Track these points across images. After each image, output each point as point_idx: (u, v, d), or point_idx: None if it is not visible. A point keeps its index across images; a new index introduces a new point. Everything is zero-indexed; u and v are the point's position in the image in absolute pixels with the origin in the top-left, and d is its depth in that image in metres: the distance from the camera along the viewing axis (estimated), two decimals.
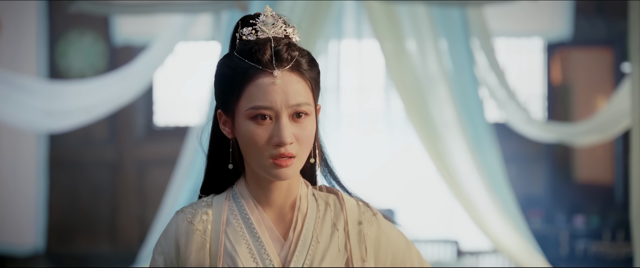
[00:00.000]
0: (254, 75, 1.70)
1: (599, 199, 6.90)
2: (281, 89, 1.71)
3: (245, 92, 1.71)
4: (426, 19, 5.11)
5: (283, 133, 1.70)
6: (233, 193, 1.81)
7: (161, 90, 7.16)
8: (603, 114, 5.43)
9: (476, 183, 5.14)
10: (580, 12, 6.77)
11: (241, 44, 1.75)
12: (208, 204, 1.80)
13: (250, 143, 1.71)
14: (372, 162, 6.28)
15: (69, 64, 7.00)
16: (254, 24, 1.76)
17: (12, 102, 5.45)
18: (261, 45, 1.72)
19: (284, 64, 1.72)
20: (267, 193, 1.78)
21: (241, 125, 1.72)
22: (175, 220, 1.79)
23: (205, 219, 1.77)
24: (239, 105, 1.72)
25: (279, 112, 1.70)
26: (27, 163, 6.84)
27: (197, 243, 1.75)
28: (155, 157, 7.06)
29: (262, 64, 1.71)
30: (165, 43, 5.59)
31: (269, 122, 1.71)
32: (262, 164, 1.72)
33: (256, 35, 1.75)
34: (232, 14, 5.13)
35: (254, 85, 1.70)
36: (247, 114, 1.71)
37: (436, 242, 6.42)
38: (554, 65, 6.95)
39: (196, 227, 1.76)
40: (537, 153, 6.93)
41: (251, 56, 1.71)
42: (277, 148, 1.70)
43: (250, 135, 1.71)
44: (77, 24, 6.96)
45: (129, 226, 7.09)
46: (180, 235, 1.76)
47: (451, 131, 5.14)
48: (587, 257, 6.62)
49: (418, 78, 5.11)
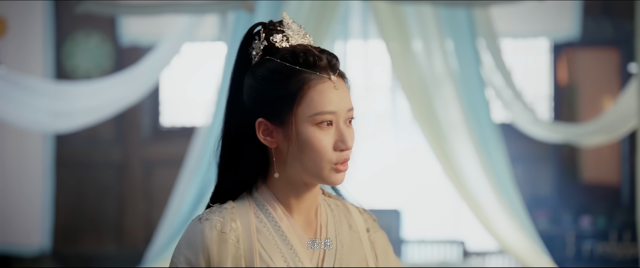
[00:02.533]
0: (312, 81, 1.70)
1: (605, 200, 6.88)
2: (340, 95, 1.72)
3: (306, 98, 1.69)
4: (432, 19, 5.11)
5: (349, 138, 1.71)
6: (255, 200, 1.78)
7: (167, 90, 7.16)
8: (609, 115, 5.43)
9: (482, 183, 5.13)
10: (586, 12, 6.76)
11: (283, 51, 1.73)
12: (233, 212, 1.75)
13: (314, 150, 1.70)
14: (378, 162, 6.27)
15: (75, 65, 7.01)
16: (282, 31, 1.75)
17: (18, 102, 5.46)
18: (313, 52, 1.72)
19: (336, 70, 1.74)
20: (300, 200, 1.77)
21: (303, 132, 1.70)
22: (201, 228, 1.72)
23: (235, 227, 1.73)
24: (298, 112, 1.70)
25: (338, 118, 1.71)
26: (33, 164, 6.85)
27: (231, 253, 1.71)
28: (161, 157, 7.07)
29: (320, 70, 1.71)
30: (172, 43, 5.59)
31: (330, 128, 1.71)
32: (321, 170, 1.71)
33: (288, 43, 1.74)
34: (238, 15, 5.14)
35: (315, 92, 1.70)
36: (310, 120, 1.69)
37: (442, 242, 6.42)
38: (561, 66, 6.94)
39: (229, 236, 1.71)
40: (544, 154, 6.92)
41: (307, 63, 1.70)
42: (342, 154, 1.71)
43: (315, 142, 1.69)
44: (83, 25, 6.97)
45: (135, 226, 7.09)
46: (210, 245, 1.70)
47: (457, 131, 5.14)
48: (593, 257, 6.61)
49: (424, 78, 5.11)
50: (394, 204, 6.32)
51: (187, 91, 7.15)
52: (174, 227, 5.30)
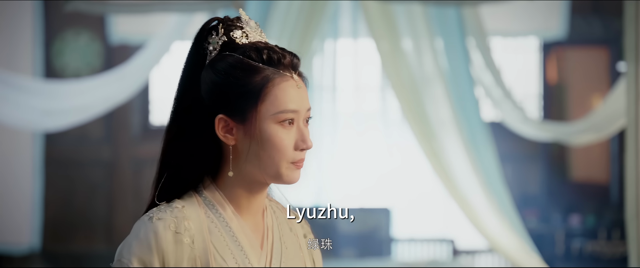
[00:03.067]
0: (276, 79, 1.69)
1: (594, 198, 6.90)
2: (301, 94, 1.71)
3: (270, 95, 1.68)
4: (422, 18, 5.11)
5: (308, 138, 1.71)
6: (204, 199, 1.73)
7: (157, 89, 7.15)
8: (599, 113, 5.44)
9: (472, 182, 5.14)
10: (575, 11, 6.78)
11: (245, 47, 1.71)
12: (184, 211, 1.69)
13: (275, 148, 1.68)
14: (368, 161, 6.28)
15: (64, 63, 6.99)
16: (241, 27, 1.74)
17: (7, 101, 5.44)
18: (275, 50, 1.71)
19: (297, 69, 1.73)
20: (251, 201, 1.74)
21: (265, 130, 1.68)
22: (153, 228, 1.65)
23: (188, 228, 1.68)
24: (261, 110, 1.68)
25: (299, 117, 1.71)
26: (22, 163, 6.83)
27: (187, 253, 1.66)
28: (151, 156, 7.02)
29: (283, 68, 1.70)
30: (161, 42, 5.58)
31: (291, 127, 1.70)
32: (279, 168, 1.69)
33: (247, 39, 1.73)
34: (228, 13, 5.13)
35: (279, 89, 1.68)
36: (273, 118, 1.68)
37: (432, 241, 6.43)
38: (550, 65, 6.95)
39: (183, 237, 1.66)
40: (533, 153, 6.94)
41: (270, 60, 1.69)
42: (300, 153, 1.70)
43: (277, 140, 1.68)
44: (73, 23, 6.95)
45: (125, 225, 7.08)
46: (165, 246, 1.65)
47: (447, 130, 5.14)
48: (582, 256, 6.63)
49: (414, 77, 5.12)
50: (383, 203, 6.32)
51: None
52: None
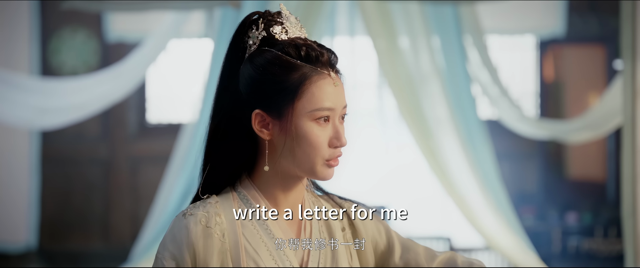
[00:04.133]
0: (313, 77, 1.70)
1: (591, 196, 6.91)
2: (338, 92, 1.73)
3: (307, 93, 1.69)
4: (419, 16, 5.11)
5: (344, 135, 1.72)
6: (239, 195, 1.76)
7: (154, 87, 7.15)
8: (595, 111, 5.44)
9: (469, 180, 5.14)
10: (572, 9, 6.78)
11: (284, 43, 1.72)
12: (217, 206, 1.73)
13: (310, 145, 1.70)
14: (365, 159, 6.28)
15: (61, 61, 6.98)
16: (281, 23, 1.75)
17: (4, 99, 5.43)
18: (314, 47, 1.72)
19: (335, 67, 1.75)
20: (287, 194, 1.76)
21: (301, 127, 1.70)
22: (185, 224, 1.70)
23: (220, 222, 1.71)
24: (298, 106, 1.70)
25: (335, 114, 1.72)
26: (19, 161, 6.83)
27: (217, 247, 1.69)
28: (148, 154, 7.05)
29: (321, 66, 1.72)
30: (158, 40, 5.58)
31: (326, 124, 1.71)
32: (314, 165, 1.71)
33: (287, 35, 1.74)
34: (224, 11, 5.13)
35: (316, 87, 1.70)
36: (310, 116, 1.70)
37: (429, 238, 6.43)
38: (547, 63, 6.95)
39: (214, 231, 1.70)
40: (530, 151, 6.94)
41: (309, 57, 1.71)
42: (335, 150, 1.72)
43: (313, 137, 1.70)
44: (69, 21, 6.95)
45: (121, 223, 7.08)
46: (196, 240, 1.69)
47: (444, 128, 5.15)
48: (579, 254, 6.63)
49: (411, 75, 5.12)
50: (380, 200, 6.32)
51: (174, 88, 7.14)
52: (160, 224, 5.30)
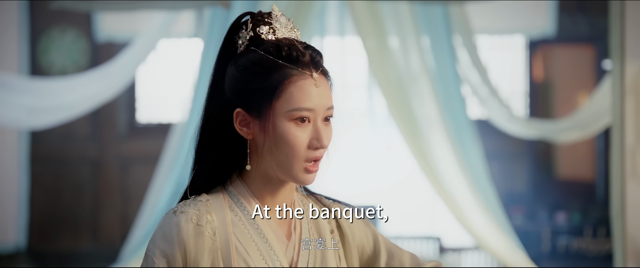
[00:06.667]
0: (294, 77, 1.70)
1: (580, 196, 6.93)
2: (321, 92, 1.72)
3: (285, 93, 1.69)
4: (409, 16, 5.12)
5: (325, 136, 1.71)
6: (230, 193, 1.77)
7: (144, 87, 7.14)
8: (584, 111, 5.46)
9: (458, 180, 5.15)
10: (562, 9, 6.80)
11: (268, 43, 1.72)
12: (208, 204, 1.74)
13: (288, 145, 1.70)
14: (355, 159, 6.28)
15: (50, 61, 6.97)
16: (269, 23, 1.76)
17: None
18: (297, 47, 1.72)
19: (319, 67, 1.73)
20: (275, 194, 1.77)
21: (279, 127, 1.70)
22: (176, 221, 1.70)
23: (211, 220, 1.71)
24: (276, 106, 1.69)
25: (316, 115, 1.71)
26: (8, 160, 6.81)
27: (208, 246, 1.70)
28: (137, 154, 7.04)
29: (302, 66, 1.71)
30: (148, 40, 5.57)
31: (307, 125, 1.71)
32: (292, 167, 1.71)
33: (275, 35, 1.75)
34: (214, 11, 5.13)
35: (295, 87, 1.69)
36: (288, 116, 1.69)
37: (418, 238, 6.44)
38: (536, 62, 6.97)
39: (205, 229, 1.70)
40: (519, 150, 6.96)
41: (290, 57, 1.70)
42: (315, 152, 1.71)
43: (290, 137, 1.69)
44: (59, 21, 6.93)
45: (111, 223, 7.07)
46: (187, 238, 1.69)
47: (433, 128, 5.15)
48: (568, 253, 6.65)
49: (400, 75, 5.12)
50: (370, 200, 6.32)
51: (163, 87, 7.13)
52: (150, 224, 5.29)
